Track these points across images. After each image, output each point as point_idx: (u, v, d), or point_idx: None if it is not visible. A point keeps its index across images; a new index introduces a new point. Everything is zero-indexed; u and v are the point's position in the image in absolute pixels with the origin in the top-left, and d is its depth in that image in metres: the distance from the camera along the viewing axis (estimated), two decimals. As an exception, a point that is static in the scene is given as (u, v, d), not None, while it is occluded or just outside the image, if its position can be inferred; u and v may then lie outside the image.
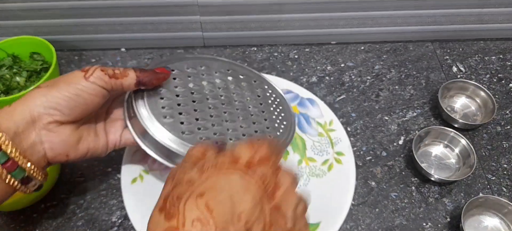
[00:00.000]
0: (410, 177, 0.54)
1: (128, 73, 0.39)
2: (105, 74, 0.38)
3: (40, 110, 0.35)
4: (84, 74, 0.37)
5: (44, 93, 0.36)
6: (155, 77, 0.41)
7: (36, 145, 0.36)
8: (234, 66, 0.51)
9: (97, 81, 0.37)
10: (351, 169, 0.52)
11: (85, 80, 0.37)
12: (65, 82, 0.37)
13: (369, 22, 0.68)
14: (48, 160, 0.37)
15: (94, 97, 0.38)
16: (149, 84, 0.41)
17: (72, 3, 0.63)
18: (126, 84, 0.39)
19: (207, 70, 0.48)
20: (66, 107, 0.36)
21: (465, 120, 0.59)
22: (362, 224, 0.50)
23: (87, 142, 0.40)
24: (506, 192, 0.53)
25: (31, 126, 0.35)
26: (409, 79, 0.66)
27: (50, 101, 0.36)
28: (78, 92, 0.37)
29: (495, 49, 0.71)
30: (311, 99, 0.59)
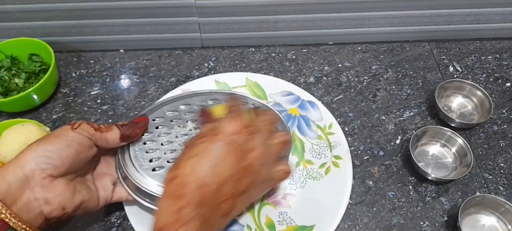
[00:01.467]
0: (407, 176, 0.55)
1: (112, 128, 0.42)
2: (90, 127, 0.41)
3: (32, 166, 0.36)
4: (71, 126, 0.40)
5: (34, 148, 0.37)
6: (135, 127, 0.45)
7: (30, 202, 0.36)
8: (216, 95, 0.52)
9: (84, 133, 0.40)
10: (348, 173, 0.52)
11: (72, 132, 0.39)
12: (54, 136, 0.39)
13: (366, 23, 0.69)
14: (45, 215, 0.37)
15: (82, 147, 0.40)
16: (132, 135, 0.44)
17: (71, 4, 0.63)
18: (111, 139, 0.42)
19: (189, 108, 0.50)
20: (57, 159, 0.37)
21: (462, 119, 0.59)
22: (359, 223, 0.51)
23: (81, 194, 0.40)
24: (503, 191, 0.54)
25: (25, 183, 0.36)
26: (406, 79, 0.66)
27: (41, 155, 0.37)
28: (67, 142, 0.38)
29: (492, 49, 0.71)
30: (311, 102, 0.59)
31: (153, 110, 0.49)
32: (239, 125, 0.38)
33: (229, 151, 0.36)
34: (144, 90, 0.64)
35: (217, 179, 0.35)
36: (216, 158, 0.36)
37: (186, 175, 0.35)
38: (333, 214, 0.49)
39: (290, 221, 0.49)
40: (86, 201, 0.41)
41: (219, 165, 0.36)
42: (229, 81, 0.61)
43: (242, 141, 0.37)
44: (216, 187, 0.35)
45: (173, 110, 0.49)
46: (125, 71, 0.67)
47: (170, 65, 0.68)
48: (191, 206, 0.34)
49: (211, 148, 0.36)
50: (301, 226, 0.48)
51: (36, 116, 0.61)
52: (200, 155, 0.36)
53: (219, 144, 0.36)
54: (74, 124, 0.40)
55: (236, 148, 0.37)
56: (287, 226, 0.48)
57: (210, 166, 0.35)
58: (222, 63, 0.68)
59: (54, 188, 0.38)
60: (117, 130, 0.43)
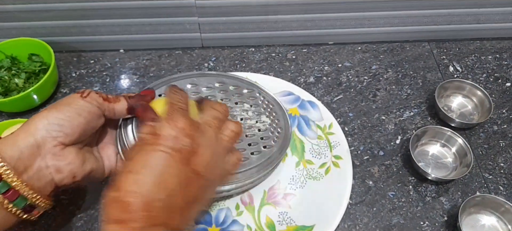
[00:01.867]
0: (407, 176, 0.55)
1: (119, 99, 0.41)
2: (99, 96, 0.40)
3: (43, 133, 0.36)
4: (80, 94, 0.39)
5: (45, 115, 0.37)
6: (142, 99, 0.43)
7: (42, 169, 0.36)
8: (223, 79, 0.51)
9: (93, 101, 0.39)
10: (348, 173, 0.52)
11: (82, 100, 0.38)
12: (64, 104, 0.38)
13: (366, 23, 0.69)
14: (56, 183, 0.37)
15: (92, 116, 0.39)
16: (139, 109, 0.42)
17: (71, 4, 0.63)
18: (118, 109, 0.41)
19: (195, 88, 0.49)
20: (68, 127, 0.37)
21: (462, 119, 0.59)
22: (359, 223, 0.51)
23: (90, 163, 0.40)
24: (503, 191, 0.54)
25: (36, 151, 0.36)
26: (406, 79, 0.66)
27: (52, 123, 0.36)
28: (78, 111, 0.38)
29: (492, 48, 0.71)
30: (311, 101, 0.59)
31: (160, 85, 0.48)
32: (181, 125, 0.34)
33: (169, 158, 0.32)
34: (144, 90, 0.64)
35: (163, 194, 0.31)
36: (157, 170, 0.32)
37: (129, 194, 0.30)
38: (333, 214, 0.49)
39: (290, 221, 0.49)
40: (95, 169, 0.41)
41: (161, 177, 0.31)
42: None
43: (185, 143, 0.33)
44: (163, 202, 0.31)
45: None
46: (125, 71, 0.67)
47: (170, 65, 0.68)
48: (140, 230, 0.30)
49: (149, 158, 0.32)
50: (301, 226, 0.48)
51: (36, 116, 0.61)
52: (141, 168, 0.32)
53: (157, 153, 0.32)
54: (83, 92, 0.39)
55: (178, 154, 0.33)
56: (287, 226, 0.48)
57: (153, 180, 0.31)
58: (222, 63, 0.68)
59: (65, 156, 0.37)
60: (124, 102, 0.42)
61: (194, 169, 0.34)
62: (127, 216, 0.30)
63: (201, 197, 0.36)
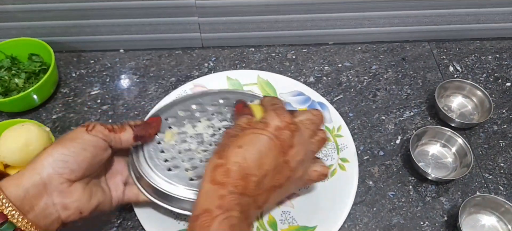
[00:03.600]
0: (407, 176, 0.55)
1: (125, 128, 0.42)
2: (105, 128, 0.40)
3: (49, 171, 0.36)
4: (86, 128, 0.39)
5: (50, 152, 0.37)
6: (149, 127, 0.44)
7: (48, 207, 0.36)
8: (226, 94, 0.51)
9: (99, 134, 0.39)
10: (354, 176, 0.52)
11: (87, 134, 0.39)
12: (69, 139, 0.38)
13: (366, 23, 0.69)
14: (62, 220, 0.37)
15: (97, 150, 0.39)
16: (146, 135, 0.44)
17: (71, 4, 0.63)
18: (124, 139, 0.42)
19: (200, 108, 0.49)
20: (73, 163, 0.37)
21: (462, 119, 0.59)
22: (359, 223, 0.51)
23: (97, 197, 0.40)
24: (503, 191, 0.54)
25: (42, 189, 0.36)
26: (406, 79, 0.66)
27: (58, 160, 0.36)
28: (83, 146, 0.38)
29: (492, 48, 0.71)
30: (322, 103, 0.59)
31: (165, 110, 0.49)
32: (284, 120, 0.39)
33: (273, 145, 0.37)
34: (144, 90, 0.64)
35: (259, 171, 0.36)
36: (261, 151, 0.37)
37: (232, 164, 0.36)
38: (336, 216, 0.49)
39: (292, 221, 0.49)
40: (102, 203, 0.41)
41: (263, 157, 0.37)
42: (241, 78, 0.62)
43: (285, 136, 0.38)
44: (258, 178, 0.36)
45: (185, 110, 0.49)
46: (125, 71, 0.67)
47: (170, 65, 0.68)
48: (234, 194, 0.35)
49: (256, 140, 0.37)
50: (303, 227, 0.48)
51: (36, 116, 0.61)
52: (245, 146, 0.37)
53: (264, 137, 0.37)
54: (88, 125, 0.40)
55: (279, 142, 0.38)
56: (289, 225, 0.48)
57: (255, 158, 0.36)
58: (222, 63, 0.68)
59: (72, 193, 0.37)
60: (130, 131, 0.42)
61: (288, 160, 0.38)
62: (227, 180, 0.35)
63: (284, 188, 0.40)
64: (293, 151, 0.39)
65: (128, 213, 0.50)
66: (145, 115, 0.60)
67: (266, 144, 0.37)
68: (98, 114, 0.61)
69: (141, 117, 0.61)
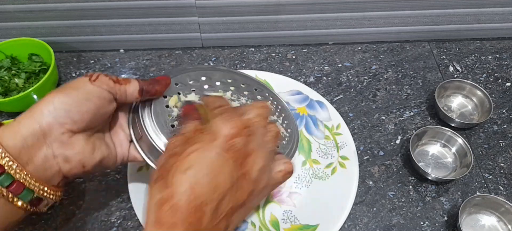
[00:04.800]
0: (407, 176, 0.55)
1: (131, 81, 0.39)
2: (109, 79, 0.37)
3: (49, 120, 0.33)
4: (89, 78, 0.36)
5: (50, 100, 0.34)
6: (156, 83, 0.40)
7: (48, 159, 0.33)
8: (235, 75, 0.50)
9: (103, 85, 0.36)
10: (354, 174, 0.52)
11: (91, 84, 0.36)
12: (71, 88, 0.35)
13: (366, 23, 0.69)
14: (64, 173, 0.35)
15: (102, 101, 0.36)
16: (152, 91, 0.40)
17: (71, 4, 0.63)
18: (130, 91, 0.38)
19: (209, 81, 0.48)
20: (76, 113, 0.34)
21: (462, 119, 0.59)
22: (359, 223, 0.51)
23: (101, 151, 0.38)
24: (503, 191, 0.54)
25: (42, 139, 0.33)
26: (406, 79, 0.66)
27: (59, 108, 0.33)
28: (86, 96, 0.35)
29: (492, 48, 0.71)
30: (320, 101, 0.59)
31: (175, 74, 0.46)
32: (234, 126, 0.32)
33: (225, 159, 0.31)
34: (144, 90, 0.64)
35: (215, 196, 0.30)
36: (213, 170, 0.30)
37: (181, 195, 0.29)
38: (337, 214, 0.49)
39: (294, 220, 0.49)
40: (105, 158, 0.38)
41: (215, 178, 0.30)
42: None
43: (239, 145, 0.32)
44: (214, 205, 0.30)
45: (195, 80, 0.47)
46: (125, 71, 0.67)
47: (170, 65, 0.68)
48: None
49: (205, 157, 0.31)
50: (305, 225, 0.48)
51: (36, 116, 0.61)
52: (195, 166, 0.30)
53: (213, 152, 0.31)
54: (92, 75, 0.36)
55: (233, 154, 0.31)
56: (291, 224, 0.49)
57: (207, 181, 0.30)
58: (222, 63, 0.68)
59: (73, 144, 0.34)
60: (136, 83, 0.39)
61: (246, 171, 0.32)
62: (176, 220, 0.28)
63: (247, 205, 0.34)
64: (250, 159, 0.32)
65: (128, 213, 0.50)
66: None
67: (217, 160, 0.30)
68: (98, 114, 0.61)
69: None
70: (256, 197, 0.35)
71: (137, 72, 0.67)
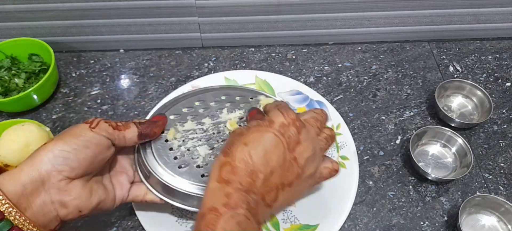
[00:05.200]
0: (407, 176, 0.55)
1: (130, 126, 0.41)
2: (109, 126, 0.39)
3: (48, 167, 0.35)
4: (89, 125, 0.38)
5: (50, 148, 0.35)
6: (154, 126, 0.43)
7: (46, 205, 0.35)
8: (228, 91, 0.51)
9: (102, 132, 0.38)
10: (354, 173, 0.52)
11: (90, 131, 0.38)
12: (71, 135, 0.37)
13: (366, 23, 0.69)
14: (61, 218, 0.36)
15: (100, 148, 0.38)
16: (151, 134, 0.43)
17: (71, 4, 0.63)
18: (128, 137, 0.41)
19: (203, 104, 0.49)
20: (74, 160, 0.36)
21: (462, 119, 0.59)
22: (359, 223, 0.51)
23: (98, 195, 0.39)
24: (503, 191, 0.54)
25: (40, 185, 0.35)
26: (406, 79, 0.66)
27: (58, 156, 0.35)
28: (85, 143, 0.37)
29: (492, 48, 0.71)
30: (320, 101, 0.59)
31: (168, 107, 0.48)
32: (289, 118, 0.38)
33: (278, 141, 0.37)
34: (144, 90, 0.64)
35: (266, 168, 0.36)
36: (266, 147, 0.36)
37: (238, 161, 0.35)
38: (337, 214, 0.49)
39: (295, 220, 0.49)
40: (103, 201, 0.40)
41: (269, 154, 0.36)
42: (239, 78, 0.62)
43: (291, 133, 0.38)
44: (264, 175, 0.36)
45: (189, 107, 0.48)
46: (125, 71, 0.67)
47: (170, 65, 0.68)
48: (240, 192, 0.34)
49: (262, 137, 0.37)
50: (305, 225, 0.48)
51: (36, 116, 0.61)
52: (251, 143, 0.37)
53: (269, 134, 0.37)
54: (92, 122, 0.38)
55: (285, 139, 0.37)
56: (291, 224, 0.49)
57: (261, 155, 0.36)
58: (222, 63, 0.68)
59: (71, 190, 0.36)
60: (135, 128, 0.41)
61: (295, 157, 0.38)
62: (233, 178, 0.35)
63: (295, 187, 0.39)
64: (300, 147, 0.38)
65: (128, 213, 0.50)
66: (145, 115, 0.60)
67: (271, 140, 0.37)
68: (98, 114, 0.61)
69: (141, 116, 0.61)
70: (302, 182, 0.40)
71: (137, 72, 0.67)
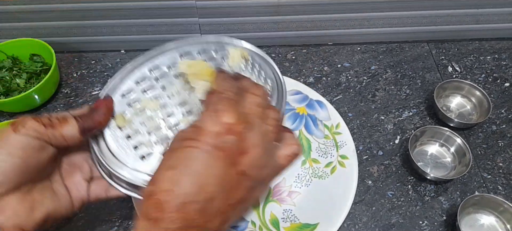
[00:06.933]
0: (406, 176, 0.55)
1: (67, 120, 0.33)
2: (39, 124, 0.32)
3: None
4: (12, 128, 0.31)
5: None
6: (96, 114, 0.35)
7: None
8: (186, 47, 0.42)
9: (30, 133, 0.31)
10: (354, 173, 0.52)
11: (14, 134, 0.31)
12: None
13: (365, 23, 0.69)
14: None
15: (29, 152, 0.31)
16: (95, 125, 0.35)
17: (72, 5, 0.63)
18: (68, 134, 0.33)
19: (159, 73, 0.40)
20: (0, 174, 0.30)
21: (461, 119, 0.60)
22: (359, 222, 0.51)
23: (44, 207, 0.33)
24: (502, 190, 0.54)
25: None
26: (405, 79, 0.66)
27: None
28: (9, 150, 0.31)
29: (490, 49, 0.71)
30: (320, 101, 0.59)
31: (117, 85, 0.39)
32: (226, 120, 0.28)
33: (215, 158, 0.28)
34: (145, 91, 0.64)
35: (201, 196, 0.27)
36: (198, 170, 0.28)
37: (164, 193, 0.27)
38: (337, 213, 0.49)
39: (294, 219, 0.49)
40: (52, 212, 0.34)
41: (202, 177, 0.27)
42: None
43: (230, 143, 0.28)
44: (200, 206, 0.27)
45: (142, 79, 0.40)
46: (125, 71, 0.67)
47: (170, 65, 0.68)
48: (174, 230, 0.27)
49: (189, 157, 0.28)
50: (305, 224, 0.49)
51: (37, 116, 0.61)
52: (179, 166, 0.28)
53: (198, 151, 0.28)
54: (16, 123, 0.32)
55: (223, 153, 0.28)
56: (291, 223, 0.49)
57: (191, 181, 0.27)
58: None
59: (4, 208, 0.31)
60: (74, 122, 0.33)
61: (241, 170, 0.29)
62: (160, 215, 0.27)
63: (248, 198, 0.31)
64: (247, 157, 0.29)
65: (129, 213, 0.51)
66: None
67: (203, 160, 0.27)
68: (99, 114, 0.61)
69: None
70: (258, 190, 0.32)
71: (138, 73, 0.67)
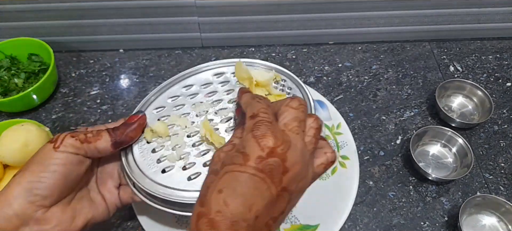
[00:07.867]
0: (408, 176, 0.54)
1: (101, 135, 0.37)
2: (76, 140, 0.36)
3: (20, 202, 0.33)
4: (53, 145, 0.35)
5: (18, 181, 0.34)
6: (129, 130, 0.39)
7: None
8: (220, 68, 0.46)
9: (69, 149, 0.35)
10: (355, 173, 0.52)
11: (55, 152, 0.35)
12: (36, 163, 0.35)
13: (366, 22, 0.68)
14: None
15: (69, 167, 0.35)
16: (126, 139, 0.38)
17: (70, 4, 0.63)
18: (101, 147, 0.37)
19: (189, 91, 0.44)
20: (44, 189, 0.34)
21: (462, 119, 0.59)
22: (360, 223, 0.50)
23: (83, 214, 0.37)
24: (504, 191, 0.53)
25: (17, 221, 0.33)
26: (407, 79, 0.66)
27: (27, 188, 0.33)
28: (52, 167, 0.34)
29: (492, 48, 0.71)
30: (320, 101, 0.59)
31: (151, 101, 0.43)
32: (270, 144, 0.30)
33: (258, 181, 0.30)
34: (144, 90, 0.64)
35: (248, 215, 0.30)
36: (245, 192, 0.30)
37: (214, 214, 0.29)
38: (338, 214, 0.48)
39: (295, 220, 0.49)
40: (91, 218, 0.37)
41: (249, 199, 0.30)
42: None
43: (273, 165, 0.30)
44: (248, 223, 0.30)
45: (174, 96, 0.43)
46: (124, 71, 0.67)
47: (170, 65, 0.68)
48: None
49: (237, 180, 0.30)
50: (305, 225, 0.48)
51: (35, 116, 0.60)
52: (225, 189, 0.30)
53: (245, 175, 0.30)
54: (56, 140, 0.35)
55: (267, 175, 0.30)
56: (292, 224, 0.48)
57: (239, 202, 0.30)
58: (222, 63, 0.68)
59: (49, 219, 0.34)
60: (107, 137, 0.37)
61: (285, 187, 0.31)
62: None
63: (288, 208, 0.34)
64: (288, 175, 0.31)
65: (128, 213, 0.50)
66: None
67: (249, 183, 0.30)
68: (98, 114, 0.61)
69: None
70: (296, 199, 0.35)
71: (137, 72, 0.66)
